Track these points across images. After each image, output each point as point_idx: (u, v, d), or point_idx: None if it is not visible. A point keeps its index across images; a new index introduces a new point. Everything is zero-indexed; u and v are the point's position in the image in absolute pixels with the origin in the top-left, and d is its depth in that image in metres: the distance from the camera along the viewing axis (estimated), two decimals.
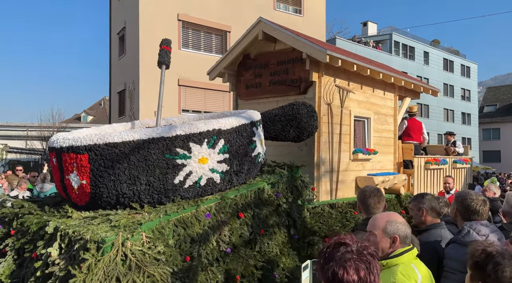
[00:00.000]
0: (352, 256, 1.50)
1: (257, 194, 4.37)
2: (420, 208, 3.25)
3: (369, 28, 36.56)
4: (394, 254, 2.20)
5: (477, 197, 2.92)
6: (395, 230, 2.26)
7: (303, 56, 5.67)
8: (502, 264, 1.82)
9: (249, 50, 6.69)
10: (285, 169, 4.87)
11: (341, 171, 6.40)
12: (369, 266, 1.50)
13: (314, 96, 5.92)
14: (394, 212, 2.68)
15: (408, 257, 2.21)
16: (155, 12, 16.36)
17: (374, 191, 3.15)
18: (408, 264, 2.16)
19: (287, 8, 19.29)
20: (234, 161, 4.05)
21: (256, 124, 4.46)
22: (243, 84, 6.76)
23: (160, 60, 4.67)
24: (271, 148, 6.40)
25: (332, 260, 1.51)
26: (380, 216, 2.40)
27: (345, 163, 6.49)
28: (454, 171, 9.18)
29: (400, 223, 2.30)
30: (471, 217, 2.82)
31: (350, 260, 1.48)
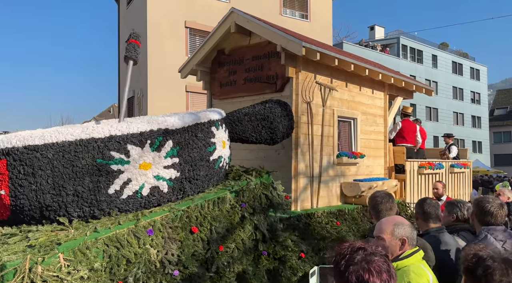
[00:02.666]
0: (373, 258, 1.52)
1: (217, 204, 3.74)
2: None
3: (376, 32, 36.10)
4: (404, 256, 2.21)
5: (494, 200, 2.91)
6: (403, 232, 2.28)
7: (278, 49, 5.06)
8: (492, 267, 1.79)
9: (224, 45, 6.08)
10: (253, 175, 4.25)
11: (324, 177, 5.77)
12: (389, 268, 1.52)
13: (291, 93, 5.30)
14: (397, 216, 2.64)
15: (416, 258, 2.22)
16: (162, 20, 16.27)
17: (385, 197, 3.05)
18: (417, 264, 2.19)
19: (294, 14, 19.00)
20: (185, 166, 3.43)
21: (216, 123, 3.84)
22: (217, 82, 6.15)
23: (127, 55, 4.08)
24: (246, 152, 5.78)
25: (354, 264, 1.50)
26: (387, 220, 2.39)
27: (328, 167, 5.86)
28: (452, 176, 8.52)
29: (407, 225, 2.32)
30: (486, 219, 2.81)
31: (373, 262, 1.50)
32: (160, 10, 16.37)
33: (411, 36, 35.33)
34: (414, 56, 33.58)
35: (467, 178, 9.17)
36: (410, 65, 32.68)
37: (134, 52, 4.04)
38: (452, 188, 8.46)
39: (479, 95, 39.57)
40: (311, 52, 5.06)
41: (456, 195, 8.55)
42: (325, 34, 19.04)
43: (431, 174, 7.61)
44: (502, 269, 1.78)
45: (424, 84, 7.79)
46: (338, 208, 5.45)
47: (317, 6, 19.46)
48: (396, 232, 2.28)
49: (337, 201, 6.02)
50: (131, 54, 4.01)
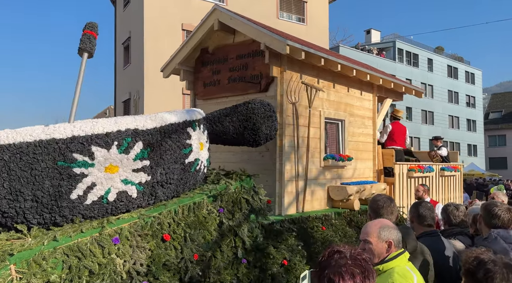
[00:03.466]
0: (346, 261, 1.51)
1: (192, 210, 3.51)
2: None
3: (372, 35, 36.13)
4: (389, 258, 2.21)
5: (501, 204, 2.92)
6: (389, 235, 2.27)
7: (262, 48, 4.85)
8: (493, 271, 1.79)
9: (207, 44, 5.86)
10: (233, 178, 4.03)
11: (310, 180, 5.56)
12: (364, 270, 1.50)
13: (276, 93, 5.09)
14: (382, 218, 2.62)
15: (402, 260, 2.22)
16: (159, 22, 16.11)
17: (387, 201, 2.98)
18: (403, 266, 2.18)
19: (291, 17, 18.97)
20: (157, 169, 3.20)
21: (193, 124, 3.61)
22: (201, 82, 5.92)
23: (81, 47, 3.81)
24: (230, 154, 5.56)
25: (327, 268, 1.51)
26: (372, 224, 2.39)
27: (315, 170, 5.65)
28: (442, 179, 8.36)
29: (392, 228, 2.32)
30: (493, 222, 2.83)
31: (344, 266, 1.49)
32: (157, 12, 16.26)
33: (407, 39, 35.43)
34: (410, 59, 33.66)
35: (458, 181, 9.02)
36: (406, 69, 32.75)
37: (89, 44, 3.77)
38: (442, 191, 8.31)
39: (474, 98, 39.76)
40: (296, 51, 4.85)
41: (446, 199, 8.39)
42: (321, 37, 19.06)
43: (421, 177, 7.44)
44: (503, 273, 1.78)
45: (413, 86, 7.63)
46: (324, 213, 5.25)
47: (314, 10, 19.51)
48: (382, 235, 2.28)
49: (324, 205, 5.82)
50: (86, 45, 3.74)
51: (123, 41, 19.23)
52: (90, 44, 3.80)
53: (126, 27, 18.73)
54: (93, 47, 3.84)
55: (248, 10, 17.03)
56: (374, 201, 2.98)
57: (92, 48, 3.84)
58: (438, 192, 8.09)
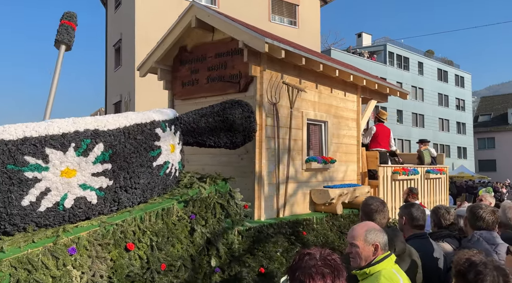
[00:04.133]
0: (316, 263, 1.53)
1: (161, 216, 3.29)
2: None
3: (363, 39, 36.25)
4: (376, 261, 2.20)
5: (486, 206, 2.93)
6: (376, 238, 2.27)
7: (240, 45, 4.64)
8: (483, 273, 1.79)
9: (186, 42, 5.64)
10: (207, 182, 3.81)
11: (291, 183, 5.37)
12: (334, 270, 1.52)
13: (255, 93, 4.89)
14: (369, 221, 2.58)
15: (388, 262, 2.21)
16: (150, 24, 15.80)
17: (380, 205, 2.94)
18: (389, 269, 2.18)
19: (282, 20, 18.92)
20: (120, 173, 2.96)
21: (162, 125, 3.39)
22: (179, 81, 5.69)
23: (57, 39, 3.53)
24: (209, 157, 5.33)
25: (298, 270, 1.53)
26: (359, 227, 2.36)
27: (297, 173, 5.46)
28: (427, 182, 8.25)
29: (379, 231, 2.30)
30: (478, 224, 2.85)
31: (314, 267, 1.51)
32: (148, 14, 16.07)
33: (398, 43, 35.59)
34: (400, 63, 33.83)
35: (443, 184, 8.92)
36: (396, 72, 32.89)
37: (66, 35, 3.51)
38: (428, 194, 8.20)
39: (463, 101, 40.14)
40: (275, 49, 4.66)
41: (432, 202, 8.28)
42: (313, 40, 19.00)
43: (406, 180, 7.31)
44: (493, 276, 1.79)
45: (398, 87, 7.50)
46: (304, 217, 5.06)
47: (306, 13, 19.53)
48: (369, 238, 2.26)
49: (307, 209, 5.63)
50: (63, 37, 3.48)
51: (114, 43, 19.02)
52: (68, 36, 3.54)
53: (117, 29, 18.51)
54: (71, 39, 3.58)
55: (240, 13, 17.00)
56: (367, 205, 2.94)
57: (70, 40, 3.57)
58: (423, 195, 7.97)
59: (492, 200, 5.02)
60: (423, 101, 35.34)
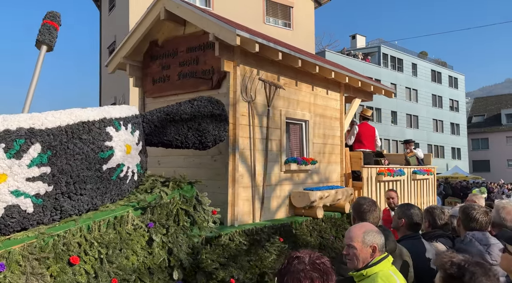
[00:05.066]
0: (304, 267, 1.51)
1: (112, 225, 2.94)
2: None
3: (357, 41, 36.20)
4: (373, 263, 2.18)
5: (479, 207, 2.93)
6: (373, 239, 2.23)
7: (210, 38, 4.31)
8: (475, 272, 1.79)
9: (157, 36, 5.29)
10: (170, 186, 3.47)
11: (269, 186, 5.05)
12: (323, 274, 1.50)
13: (228, 90, 4.57)
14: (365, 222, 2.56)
15: (385, 264, 2.19)
16: None
17: (372, 205, 2.91)
18: (386, 271, 2.16)
19: (277, 22, 18.80)
20: (62, 177, 2.61)
21: (115, 123, 3.04)
22: (149, 78, 5.34)
23: (39, 39, 3.22)
24: (181, 159, 4.99)
25: (287, 274, 1.51)
26: (356, 228, 2.32)
27: (275, 175, 5.14)
28: (414, 183, 7.99)
29: (376, 232, 2.28)
30: (471, 225, 2.84)
31: (303, 271, 1.49)
32: None
33: (392, 45, 35.59)
34: (394, 64, 33.85)
35: (431, 185, 8.67)
36: (391, 74, 32.90)
37: (48, 36, 3.20)
38: (414, 196, 7.94)
39: (457, 102, 40.32)
40: (249, 43, 4.34)
41: (419, 203, 8.02)
42: (307, 42, 18.87)
43: (391, 181, 7.04)
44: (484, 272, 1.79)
45: (382, 85, 7.22)
46: (282, 222, 4.74)
47: (300, 15, 19.46)
48: (367, 239, 2.23)
49: (286, 213, 5.32)
50: (45, 37, 3.17)
51: (108, 45, 18.70)
52: (50, 36, 3.23)
53: (111, 31, 18.19)
54: (53, 40, 3.26)
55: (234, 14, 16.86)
56: (359, 205, 2.91)
57: (52, 40, 3.26)
58: (410, 197, 7.71)
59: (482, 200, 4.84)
60: (417, 102, 35.43)
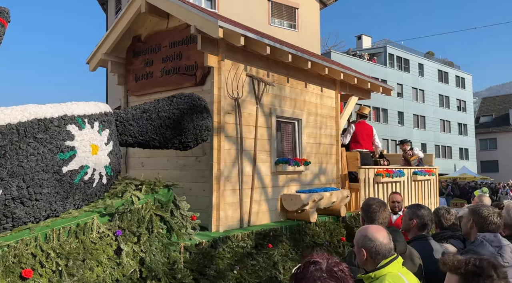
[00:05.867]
0: (321, 274, 1.44)
1: (74, 233, 2.66)
2: None
3: (363, 41, 35.95)
4: (381, 265, 2.14)
5: (493, 209, 2.92)
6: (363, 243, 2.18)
7: (192, 31, 4.03)
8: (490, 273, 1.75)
9: (140, 31, 5.02)
10: (143, 190, 3.19)
11: (258, 189, 4.76)
12: None
13: (213, 87, 4.28)
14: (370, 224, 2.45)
15: (394, 266, 2.15)
16: None
17: (382, 206, 2.86)
18: (395, 273, 2.13)
19: (282, 23, 18.60)
20: (13, 181, 2.34)
21: (77, 120, 2.76)
22: (132, 75, 5.06)
23: None
24: (165, 160, 4.71)
25: (303, 280, 1.44)
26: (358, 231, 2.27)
27: (265, 177, 4.85)
28: (415, 184, 7.68)
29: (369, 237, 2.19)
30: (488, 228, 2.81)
31: (319, 279, 1.43)
32: None
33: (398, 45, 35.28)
34: (401, 64, 33.55)
35: (432, 186, 8.34)
36: (397, 74, 32.63)
37: None
38: (415, 198, 7.62)
39: (464, 103, 39.93)
40: (233, 36, 4.06)
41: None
42: (313, 43, 18.63)
43: (390, 182, 6.73)
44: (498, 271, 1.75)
45: (380, 82, 6.91)
46: (272, 227, 4.45)
47: (305, 16, 19.27)
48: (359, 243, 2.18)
49: (277, 217, 5.02)
50: None
51: None
52: None
53: None
54: None
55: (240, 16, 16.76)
56: (368, 205, 2.87)
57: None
58: (410, 199, 7.40)
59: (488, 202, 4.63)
60: (424, 102, 35.16)
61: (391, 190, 6.78)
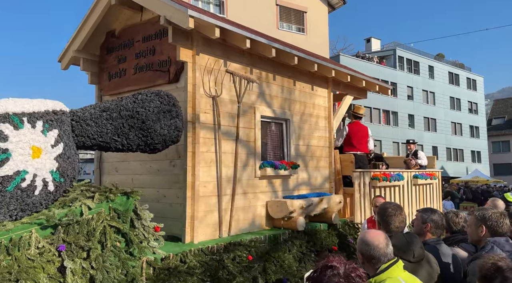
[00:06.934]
0: (339, 280, 1.43)
1: (5, 250, 2.30)
2: None
3: (372, 44, 35.66)
4: (380, 270, 2.12)
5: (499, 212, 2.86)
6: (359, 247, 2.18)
7: (162, 22, 3.67)
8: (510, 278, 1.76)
9: (114, 25, 4.67)
10: (95, 198, 2.82)
11: (241, 195, 4.38)
12: None
13: (186, 83, 3.92)
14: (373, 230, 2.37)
15: (394, 270, 2.10)
16: None
17: (398, 209, 2.80)
18: (395, 277, 2.08)
19: (291, 27, 18.43)
20: None
21: (13, 119, 2.41)
22: (106, 73, 4.72)
23: None
24: (138, 164, 4.35)
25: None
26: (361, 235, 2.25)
27: (248, 182, 4.47)
28: (416, 189, 7.24)
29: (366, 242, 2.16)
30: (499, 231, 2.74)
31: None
32: None
33: (407, 47, 34.88)
34: (411, 67, 33.15)
35: (435, 190, 7.90)
36: (407, 76, 32.26)
37: None
38: (417, 203, 7.18)
39: (476, 105, 39.35)
40: (207, 27, 3.70)
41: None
42: (321, 47, 18.44)
43: (388, 187, 6.32)
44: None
45: (376, 80, 6.50)
46: (254, 237, 4.06)
47: (313, 20, 19.05)
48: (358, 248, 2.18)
49: (263, 226, 4.64)
50: None
51: None
52: None
53: None
54: None
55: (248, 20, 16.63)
56: (384, 209, 2.85)
57: None
58: (411, 204, 6.98)
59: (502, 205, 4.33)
60: (434, 105, 34.73)
61: (389, 195, 6.38)
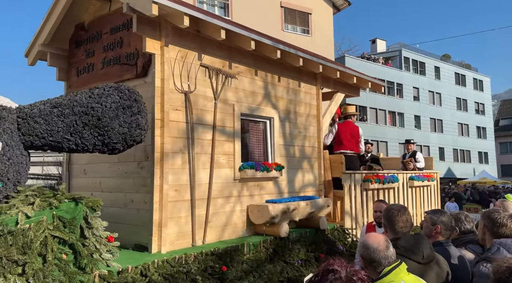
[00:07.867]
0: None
1: None
2: None
3: (378, 45, 35.35)
4: (383, 273, 2.11)
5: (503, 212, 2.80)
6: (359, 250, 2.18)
7: (124, 10, 3.34)
8: None
9: (83, 17, 4.35)
10: (36, 204, 2.49)
11: (218, 199, 4.03)
12: None
13: (154, 78, 3.58)
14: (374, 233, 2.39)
15: (396, 274, 2.08)
16: None
17: (402, 209, 2.74)
18: (398, 281, 2.07)
19: (295, 29, 18.27)
20: None
21: None
22: (74, 69, 4.40)
23: None
24: (106, 166, 4.01)
25: None
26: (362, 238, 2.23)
27: (226, 185, 4.12)
28: (411, 191, 6.88)
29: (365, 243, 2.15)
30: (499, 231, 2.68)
31: None
32: None
33: (413, 48, 34.55)
34: (416, 68, 32.83)
35: (433, 193, 7.53)
36: (413, 77, 31.96)
37: None
38: (413, 206, 6.82)
39: (483, 105, 38.95)
40: (175, 15, 3.37)
41: (418, 214, 6.92)
42: (327, 48, 18.34)
43: (381, 189, 5.96)
44: None
45: (368, 76, 6.14)
46: (230, 245, 3.71)
47: (318, 21, 18.79)
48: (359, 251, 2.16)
49: (243, 232, 4.30)
50: None
51: None
52: None
53: None
54: None
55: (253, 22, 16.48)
56: (388, 210, 2.82)
57: None
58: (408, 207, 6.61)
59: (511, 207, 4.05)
60: (441, 106, 34.42)
61: (384, 198, 6.02)
